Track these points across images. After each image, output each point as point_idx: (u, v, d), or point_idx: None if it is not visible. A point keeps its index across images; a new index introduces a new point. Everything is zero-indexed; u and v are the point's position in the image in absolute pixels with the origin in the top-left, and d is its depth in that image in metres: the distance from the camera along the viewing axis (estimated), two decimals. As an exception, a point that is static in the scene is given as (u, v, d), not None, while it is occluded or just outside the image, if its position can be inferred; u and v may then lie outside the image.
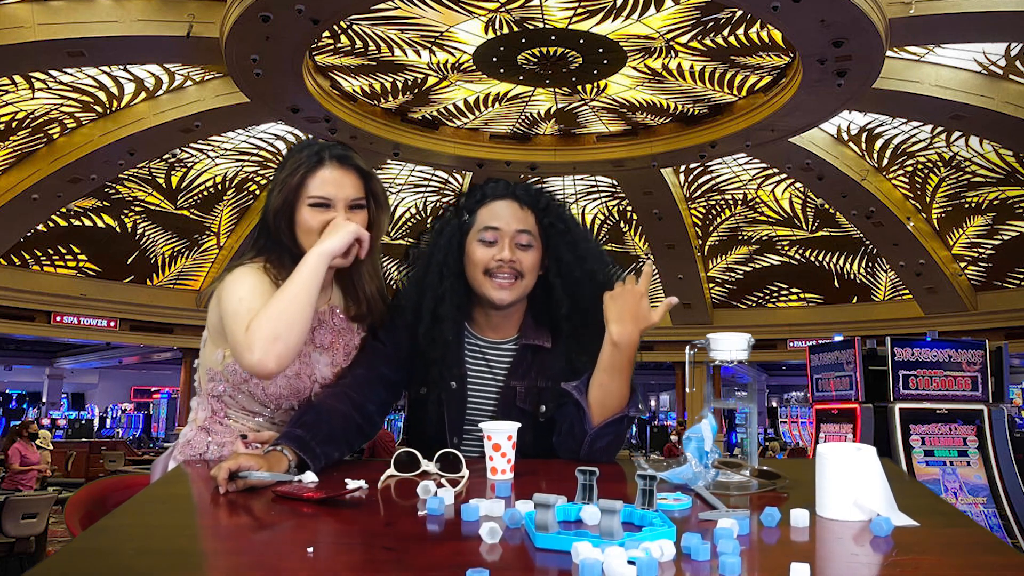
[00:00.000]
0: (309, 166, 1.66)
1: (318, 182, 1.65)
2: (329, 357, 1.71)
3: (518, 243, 1.67)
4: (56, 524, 7.00)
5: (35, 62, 10.29)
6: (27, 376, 25.10)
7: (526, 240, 1.68)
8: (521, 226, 1.68)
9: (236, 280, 1.61)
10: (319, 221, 1.64)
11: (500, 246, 1.66)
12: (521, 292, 1.68)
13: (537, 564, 0.88)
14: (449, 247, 1.70)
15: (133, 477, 1.92)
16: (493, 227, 1.67)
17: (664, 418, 24.75)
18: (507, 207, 1.70)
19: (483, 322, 1.74)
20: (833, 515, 1.05)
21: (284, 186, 1.66)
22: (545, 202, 1.73)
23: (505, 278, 1.65)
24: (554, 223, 1.72)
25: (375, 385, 1.66)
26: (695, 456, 1.24)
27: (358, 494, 1.23)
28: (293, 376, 1.66)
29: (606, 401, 1.56)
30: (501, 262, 1.65)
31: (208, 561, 0.96)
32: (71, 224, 15.07)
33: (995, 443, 5.52)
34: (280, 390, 1.67)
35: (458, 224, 1.72)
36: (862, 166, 13.86)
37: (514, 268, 1.65)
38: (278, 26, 9.10)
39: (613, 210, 16.88)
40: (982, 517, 5.30)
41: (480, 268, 1.66)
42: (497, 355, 1.74)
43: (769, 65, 11.23)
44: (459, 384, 1.70)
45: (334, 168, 1.67)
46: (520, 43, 10.74)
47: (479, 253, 1.67)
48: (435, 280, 1.68)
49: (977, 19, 9.12)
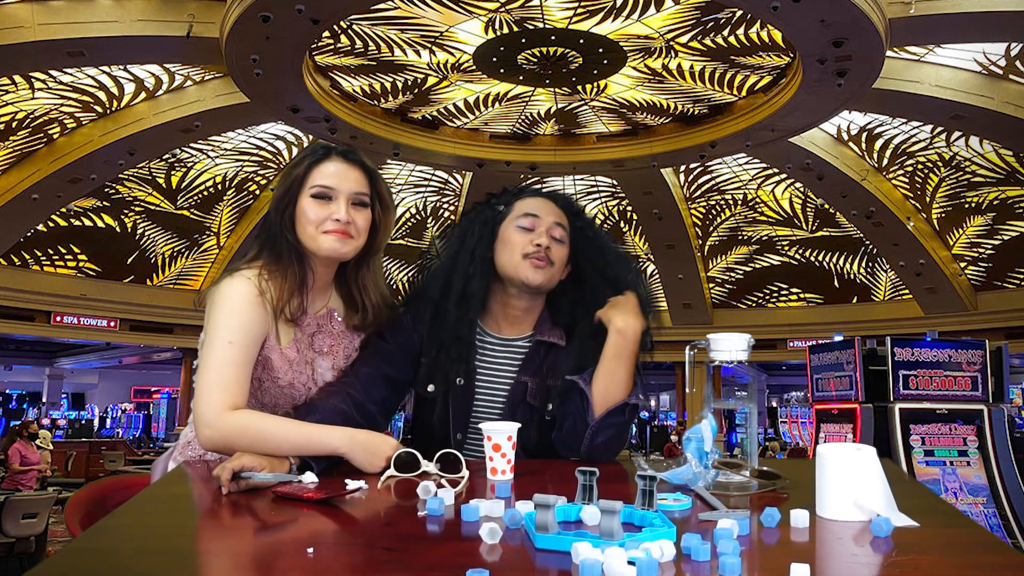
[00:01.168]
0: (315, 158, 1.66)
1: (321, 172, 1.65)
2: (330, 361, 1.70)
3: (552, 235, 1.72)
4: (56, 524, 7.00)
5: (35, 62, 10.29)
6: (27, 376, 25.10)
7: (560, 234, 1.73)
8: (557, 219, 1.74)
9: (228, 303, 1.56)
10: (317, 213, 1.63)
11: (538, 232, 1.71)
12: (550, 279, 1.72)
13: (537, 564, 0.88)
14: (483, 232, 1.75)
15: (133, 477, 1.92)
16: (532, 214, 1.73)
17: (664, 418, 24.75)
18: (544, 203, 1.77)
19: (501, 317, 1.76)
20: (833, 515, 1.05)
21: (288, 176, 1.66)
22: (577, 209, 1.82)
23: (541, 261, 1.69)
24: (583, 228, 1.79)
25: (378, 384, 1.66)
26: (695, 456, 1.24)
27: (358, 494, 1.23)
28: (287, 386, 1.65)
29: (610, 389, 1.58)
30: (539, 247, 1.69)
31: (208, 561, 0.96)
32: (71, 224, 15.07)
33: (995, 443, 5.52)
34: (275, 399, 1.66)
35: (492, 214, 1.78)
36: (862, 166, 13.86)
37: (548, 255, 1.70)
38: (278, 26, 9.10)
39: (613, 210, 16.88)
40: (982, 517, 5.30)
41: (518, 251, 1.70)
42: (510, 352, 1.75)
43: (769, 65, 11.23)
44: (466, 381, 1.71)
45: (339, 161, 1.66)
46: (520, 43, 10.74)
47: (517, 237, 1.71)
48: (466, 259, 1.73)
49: (977, 19, 9.12)
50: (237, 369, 1.52)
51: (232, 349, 1.52)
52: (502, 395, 1.73)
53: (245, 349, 1.54)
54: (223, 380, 1.50)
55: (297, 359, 1.65)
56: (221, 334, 1.53)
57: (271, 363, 1.63)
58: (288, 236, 1.65)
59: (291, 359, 1.64)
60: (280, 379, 1.64)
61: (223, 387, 1.50)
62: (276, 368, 1.63)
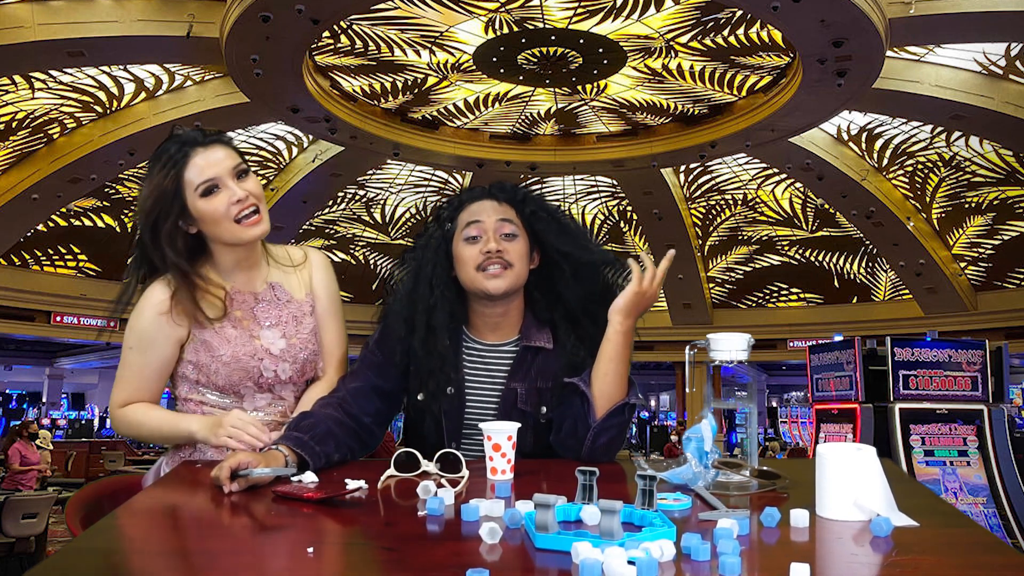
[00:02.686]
0: (178, 162, 1.62)
1: (195, 171, 1.62)
2: (280, 330, 1.74)
3: (502, 233, 1.67)
4: (56, 524, 7.00)
5: (35, 62, 10.29)
6: (27, 376, 25.08)
7: (509, 229, 1.68)
8: (502, 216, 1.69)
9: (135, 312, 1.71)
10: (217, 206, 1.62)
11: (485, 240, 1.66)
12: (513, 280, 1.67)
13: (537, 564, 0.88)
14: (436, 257, 1.70)
15: (133, 477, 1.92)
16: (474, 221, 1.68)
17: (664, 418, 24.76)
18: (484, 204, 1.71)
19: (481, 325, 1.73)
20: (833, 515, 1.05)
21: (156, 190, 1.62)
22: (522, 194, 1.74)
23: (495, 268, 1.65)
24: (536, 211, 1.72)
25: (369, 397, 1.66)
26: (695, 456, 1.24)
27: (358, 494, 1.23)
28: (232, 360, 1.69)
29: (609, 391, 1.57)
30: (488, 254, 1.65)
31: (208, 561, 0.96)
32: (71, 224, 15.07)
33: (995, 443, 5.52)
34: (227, 378, 1.70)
35: (441, 234, 1.73)
36: (862, 166, 13.86)
37: (502, 258, 1.65)
38: (278, 26, 9.10)
39: (613, 210, 16.88)
40: (982, 517, 5.30)
41: (471, 265, 1.66)
42: (497, 358, 1.73)
43: (769, 65, 11.23)
44: (457, 390, 1.69)
45: (202, 152, 1.64)
46: (520, 43, 10.74)
47: (467, 252, 1.66)
48: (425, 292, 1.68)
49: (977, 19, 9.12)
50: (132, 371, 1.71)
51: (131, 354, 1.71)
52: (494, 402, 1.71)
53: (142, 354, 1.70)
54: (121, 380, 1.73)
55: (237, 335, 1.70)
56: (126, 339, 1.72)
57: (209, 344, 1.69)
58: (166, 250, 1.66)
59: (230, 337, 1.69)
60: (223, 355, 1.69)
61: (120, 386, 1.73)
62: (215, 347, 1.69)
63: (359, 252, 18.31)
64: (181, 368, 1.72)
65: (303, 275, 1.81)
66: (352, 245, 18.07)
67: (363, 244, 18.19)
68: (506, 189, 1.75)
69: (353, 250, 18.18)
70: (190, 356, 1.70)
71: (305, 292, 1.80)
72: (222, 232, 1.64)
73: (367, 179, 15.45)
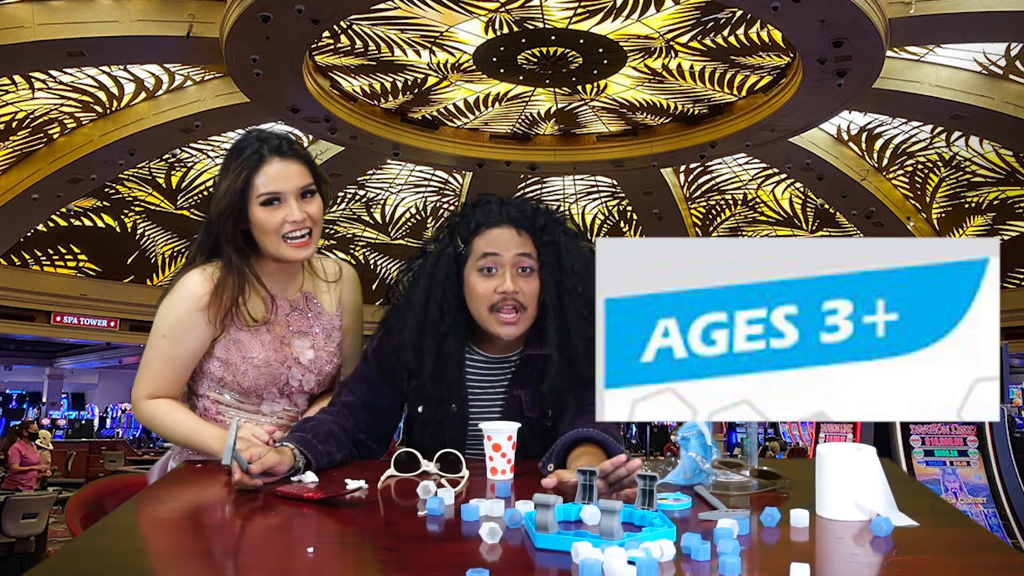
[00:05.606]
0: (251, 165, 1.64)
1: (264, 179, 1.63)
2: (310, 341, 1.75)
3: (520, 267, 1.61)
4: (56, 524, 7.00)
5: (35, 62, 10.29)
6: (27, 376, 25.08)
7: (527, 264, 1.61)
8: (520, 250, 1.61)
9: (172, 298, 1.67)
10: (272, 220, 1.63)
11: (501, 276, 1.59)
12: (527, 324, 1.62)
13: (537, 564, 0.88)
14: (448, 282, 1.63)
15: (133, 477, 1.93)
16: (491, 253, 1.60)
17: (664, 418, 24.72)
18: (503, 232, 1.62)
19: (486, 342, 1.70)
20: (833, 515, 1.05)
21: (229, 190, 1.64)
22: (542, 221, 1.64)
23: (510, 314, 1.59)
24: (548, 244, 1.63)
25: (360, 413, 1.64)
26: (698, 451, 1.25)
27: (358, 494, 1.23)
28: (263, 364, 1.69)
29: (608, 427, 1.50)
30: (504, 295, 1.58)
31: (208, 561, 0.96)
32: (71, 224, 15.07)
33: (995, 443, 5.52)
34: (255, 380, 1.69)
35: (454, 255, 1.65)
36: (862, 166, 13.86)
37: (517, 300, 1.59)
38: (278, 26, 9.10)
39: (613, 210, 16.88)
40: (982, 517, 5.30)
41: (484, 304, 1.60)
42: (500, 368, 1.71)
43: (769, 65, 11.23)
44: (460, 406, 1.67)
45: (276, 162, 1.65)
46: (520, 43, 10.74)
47: (480, 287, 1.60)
48: (436, 317, 1.62)
49: (977, 19, 9.12)
50: (161, 361, 1.67)
51: (163, 342, 1.66)
52: (497, 411, 1.69)
53: (175, 343, 1.66)
54: (147, 369, 1.67)
55: (271, 339, 1.70)
56: (157, 326, 1.67)
57: (243, 344, 1.68)
58: (228, 245, 1.66)
59: (264, 340, 1.69)
60: (255, 358, 1.68)
61: (146, 376, 1.67)
62: (248, 348, 1.68)
63: (359, 252, 18.32)
64: (207, 364, 1.70)
65: (335, 289, 1.83)
66: (352, 245, 18.08)
67: (363, 244, 18.19)
68: (526, 215, 1.64)
69: (353, 250, 18.19)
70: (220, 353, 1.69)
71: (336, 307, 1.81)
72: (267, 244, 1.65)
73: (367, 179, 15.45)
